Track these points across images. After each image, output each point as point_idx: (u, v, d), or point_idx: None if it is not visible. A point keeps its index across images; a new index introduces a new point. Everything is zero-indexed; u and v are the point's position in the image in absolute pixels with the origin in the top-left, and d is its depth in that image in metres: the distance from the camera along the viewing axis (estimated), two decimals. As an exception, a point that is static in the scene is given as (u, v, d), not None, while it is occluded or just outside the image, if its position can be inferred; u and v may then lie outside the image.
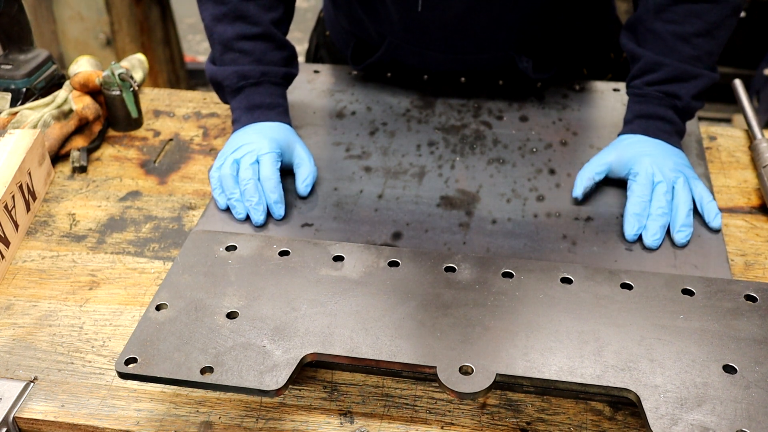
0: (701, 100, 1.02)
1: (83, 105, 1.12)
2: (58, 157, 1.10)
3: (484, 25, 1.13)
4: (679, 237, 0.91)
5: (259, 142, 1.00)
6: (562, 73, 1.24)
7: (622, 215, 0.96)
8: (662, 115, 1.00)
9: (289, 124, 1.08)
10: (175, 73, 2.94)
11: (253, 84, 1.06)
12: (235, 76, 1.05)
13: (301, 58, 3.79)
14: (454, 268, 0.81)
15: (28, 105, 1.10)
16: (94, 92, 1.15)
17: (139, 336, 0.73)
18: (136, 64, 1.25)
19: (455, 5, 1.09)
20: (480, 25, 1.13)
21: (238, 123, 1.06)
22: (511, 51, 1.17)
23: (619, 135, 1.04)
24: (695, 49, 0.99)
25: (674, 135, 1.01)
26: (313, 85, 1.23)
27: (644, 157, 0.97)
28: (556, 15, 1.16)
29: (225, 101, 1.10)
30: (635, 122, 1.02)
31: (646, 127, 1.01)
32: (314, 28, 1.43)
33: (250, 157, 0.98)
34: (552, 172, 1.04)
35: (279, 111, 1.07)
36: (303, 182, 1.00)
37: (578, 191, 0.98)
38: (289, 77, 1.11)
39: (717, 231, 0.93)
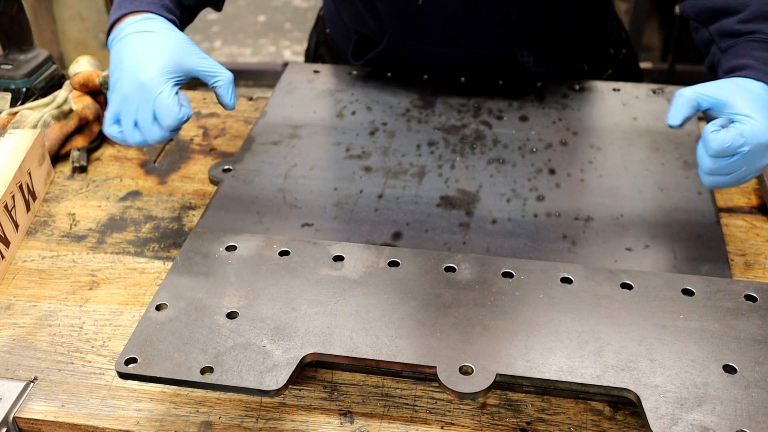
0: None
1: (83, 105, 1.12)
2: (58, 157, 1.10)
3: (484, 20, 1.14)
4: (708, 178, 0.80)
5: (147, 88, 0.84)
6: (562, 68, 1.24)
7: (622, 215, 0.95)
8: None
9: (177, 25, 0.93)
10: (174, 72, 2.94)
11: None
12: None
13: (300, 58, 3.79)
14: (454, 268, 0.81)
15: (28, 105, 1.10)
16: (94, 92, 1.15)
17: (139, 336, 0.73)
18: (136, 64, 1.25)
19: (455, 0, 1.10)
20: (480, 19, 1.13)
21: (111, 15, 0.92)
22: (512, 45, 1.17)
23: (734, 76, 0.85)
24: None
25: None
26: (313, 85, 1.23)
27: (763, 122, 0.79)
28: (556, 10, 1.16)
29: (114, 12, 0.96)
30: (762, 69, 0.84)
31: None
32: (314, 26, 1.43)
33: (138, 113, 0.86)
34: (552, 172, 1.04)
35: (159, 3, 0.92)
36: (228, 95, 0.90)
37: (676, 119, 0.81)
38: None
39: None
